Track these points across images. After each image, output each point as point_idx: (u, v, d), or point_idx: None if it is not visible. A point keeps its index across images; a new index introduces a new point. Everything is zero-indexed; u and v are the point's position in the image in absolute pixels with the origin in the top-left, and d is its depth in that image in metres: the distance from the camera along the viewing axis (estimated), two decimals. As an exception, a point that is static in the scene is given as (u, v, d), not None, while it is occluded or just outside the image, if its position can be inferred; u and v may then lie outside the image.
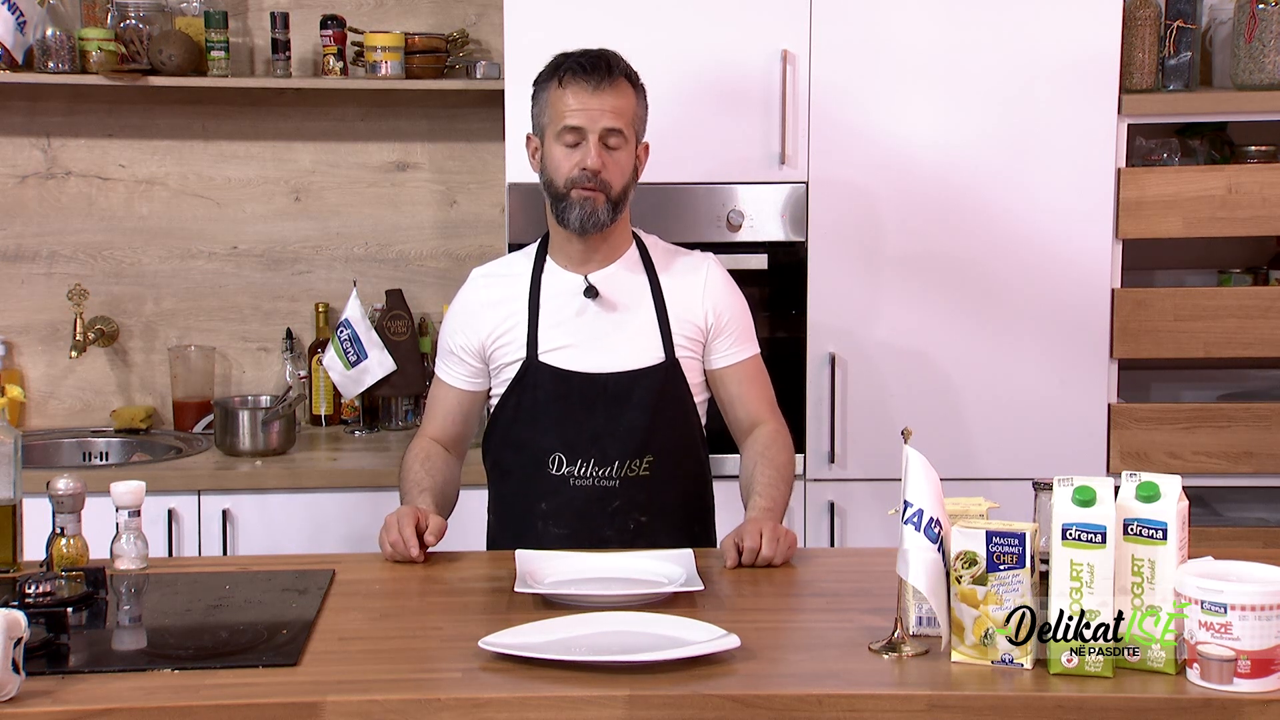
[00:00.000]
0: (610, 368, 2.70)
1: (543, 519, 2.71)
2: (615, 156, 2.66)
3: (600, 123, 2.65)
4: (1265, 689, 1.88)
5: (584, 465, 2.69)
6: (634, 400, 2.69)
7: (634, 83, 2.72)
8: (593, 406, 2.69)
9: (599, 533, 2.67)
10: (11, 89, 3.84)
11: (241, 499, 3.50)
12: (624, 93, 2.68)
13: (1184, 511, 1.97)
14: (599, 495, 2.69)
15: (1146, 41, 3.58)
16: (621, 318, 2.72)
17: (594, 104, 2.64)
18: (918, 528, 2.00)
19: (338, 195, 4.05)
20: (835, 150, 3.51)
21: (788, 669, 2.03)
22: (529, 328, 2.72)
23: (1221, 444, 3.57)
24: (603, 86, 2.65)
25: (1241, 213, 3.54)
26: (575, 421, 2.69)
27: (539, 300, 2.74)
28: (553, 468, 2.69)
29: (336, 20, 3.83)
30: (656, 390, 2.69)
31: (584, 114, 2.65)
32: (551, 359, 2.71)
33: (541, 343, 2.71)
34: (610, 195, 2.66)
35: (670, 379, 2.70)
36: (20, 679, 1.86)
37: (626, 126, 2.67)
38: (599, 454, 2.69)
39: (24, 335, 4.00)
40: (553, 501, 2.71)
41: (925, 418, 3.46)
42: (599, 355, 2.71)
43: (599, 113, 2.64)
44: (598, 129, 2.65)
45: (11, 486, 2.42)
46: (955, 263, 3.54)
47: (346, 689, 1.92)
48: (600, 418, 2.69)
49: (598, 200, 2.66)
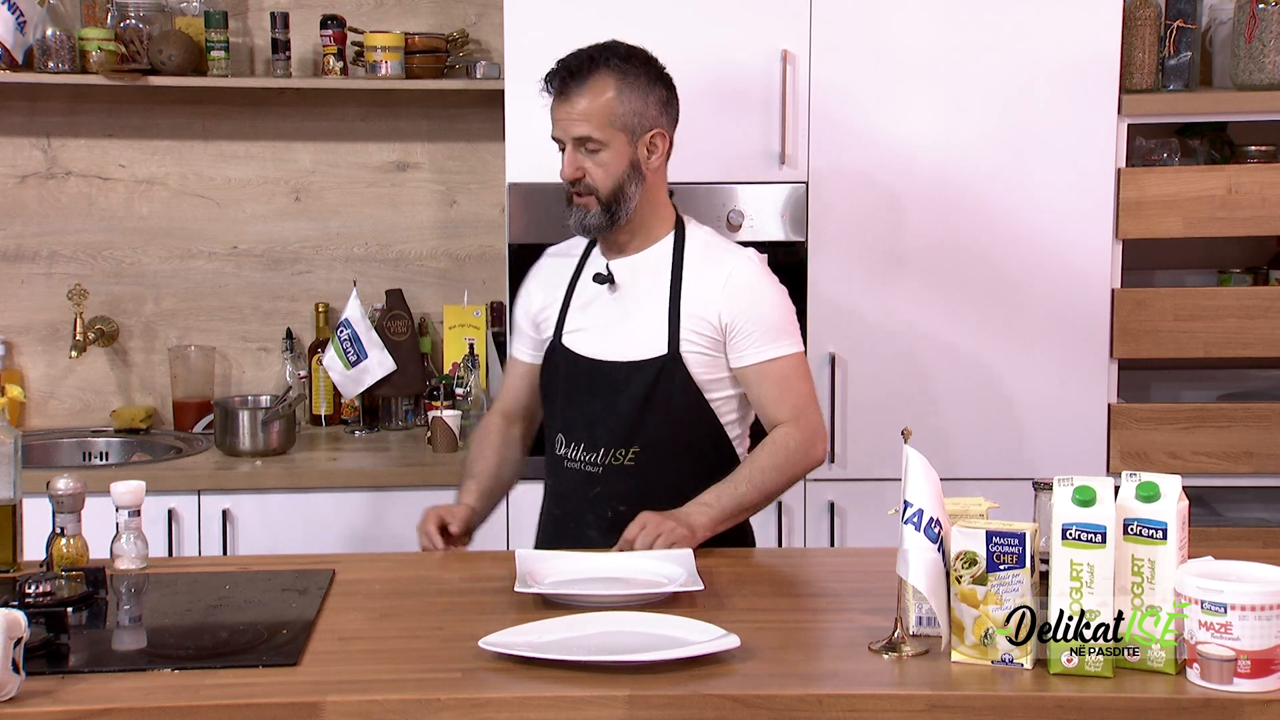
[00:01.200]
0: (613, 355, 2.72)
1: (549, 496, 2.83)
2: (598, 159, 2.66)
3: (571, 131, 2.66)
4: (1265, 689, 1.88)
5: (575, 448, 2.74)
6: (628, 390, 2.69)
7: (620, 75, 2.66)
8: (594, 392, 2.73)
9: (580, 517, 2.72)
10: (11, 89, 3.84)
11: (241, 499, 3.50)
12: (599, 92, 2.64)
13: (1184, 511, 1.97)
14: (583, 480, 2.72)
15: (1146, 41, 3.58)
16: (632, 307, 2.73)
17: (562, 112, 2.67)
18: (918, 528, 2.00)
19: (338, 195, 4.05)
20: (835, 150, 3.51)
21: (788, 669, 2.03)
22: (560, 309, 2.80)
23: (1221, 444, 3.57)
24: (571, 93, 2.65)
25: (1241, 213, 3.54)
26: (576, 405, 2.75)
27: (575, 284, 2.80)
28: (557, 448, 2.78)
29: (336, 20, 3.83)
30: (650, 382, 2.69)
31: (557, 124, 2.68)
32: (569, 341, 2.77)
33: (566, 325, 2.79)
34: (601, 197, 2.67)
35: (668, 373, 2.69)
36: (20, 679, 1.86)
37: (599, 128, 2.64)
38: (589, 439, 2.72)
39: (24, 335, 4.00)
40: (553, 481, 2.81)
41: (925, 417, 3.46)
42: (605, 342, 2.74)
43: (568, 121, 2.66)
44: (569, 137, 2.67)
45: (11, 486, 2.42)
46: (955, 262, 3.54)
47: (346, 689, 1.92)
48: (597, 404, 2.72)
49: (589, 204, 2.68)
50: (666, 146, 2.73)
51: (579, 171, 2.67)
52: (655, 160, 2.72)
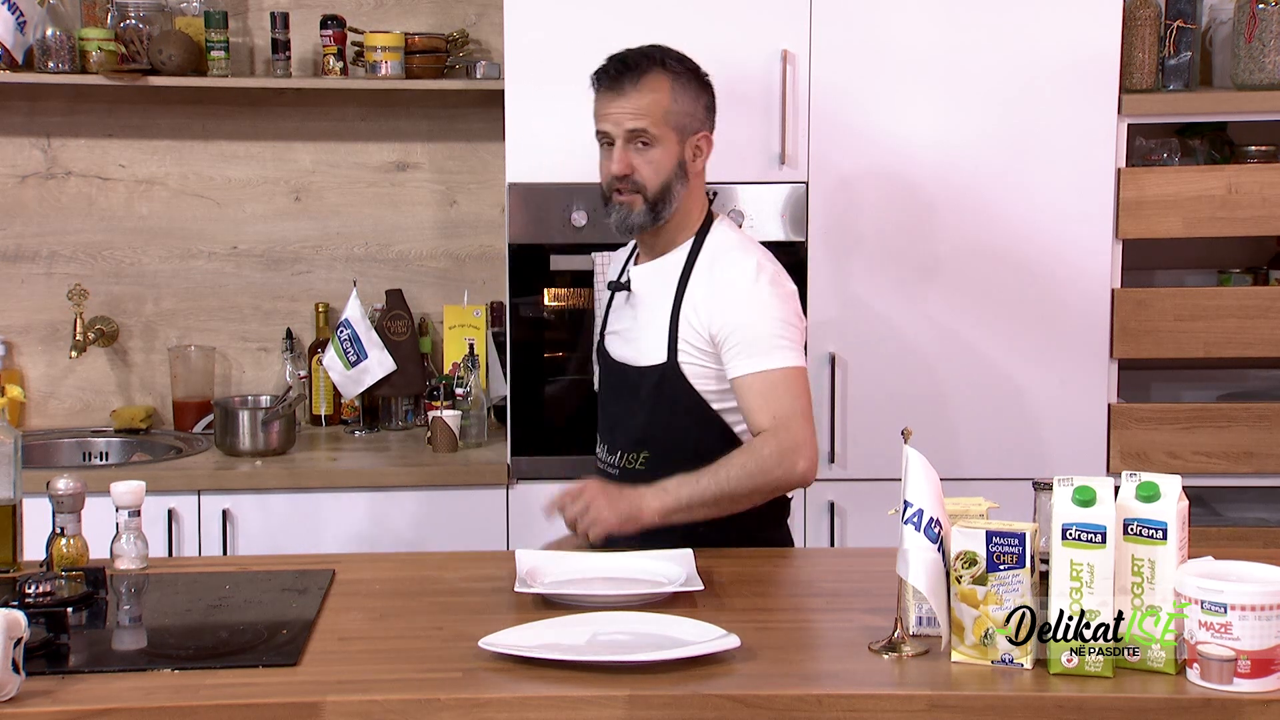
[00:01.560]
0: (631, 360, 2.76)
1: None
2: (648, 156, 2.66)
3: (623, 125, 2.66)
4: (1265, 689, 1.88)
5: (603, 449, 2.82)
6: (640, 396, 2.72)
7: (674, 75, 2.68)
8: (617, 395, 2.78)
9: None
10: (11, 89, 3.84)
11: (241, 499, 3.50)
12: (653, 89, 2.66)
13: (1184, 511, 1.97)
14: (605, 479, 2.75)
15: (1146, 41, 3.58)
16: (644, 314, 2.76)
17: (615, 107, 2.67)
18: (918, 528, 2.00)
19: (338, 195, 4.05)
20: (835, 150, 3.51)
21: (788, 669, 2.03)
22: (605, 310, 2.88)
23: (1221, 444, 3.57)
24: (625, 88, 2.65)
25: (1241, 213, 3.54)
26: (605, 406, 2.82)
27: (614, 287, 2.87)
28: (596, 447, 2.86)
29: (336, 20, 3.83)
30: (654, 389, 2.70)
31: (607, 118, 2.68)
32: (607, 343, 2.85)
33: (607, 326, 2.86)
34: (648, 196, 2.67)
35: (667, 381, 2.70)
36: (20, 679, 1.87)
37: (654, 124, 2.65)
38: (610, 441, 2.79)
39: (24, 335, 4.00)
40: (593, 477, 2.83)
41: (925, 417, 3.45)
42: (626, 347, 2.78)
43: (620, 115, 2.66)
44: (621, 131, 2.66)
45: (11, 486, 2.42)
46: (955, 263, 3.54)
47: (346, 689, 1.92)
48: (618, 407, 2.77)
49: (633, 203, 2.68)
50: (709, 151, 2.74)
51: (629, 167, 2.66)
52: (700, 163, 2.73)
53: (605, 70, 2.69)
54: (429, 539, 3.49)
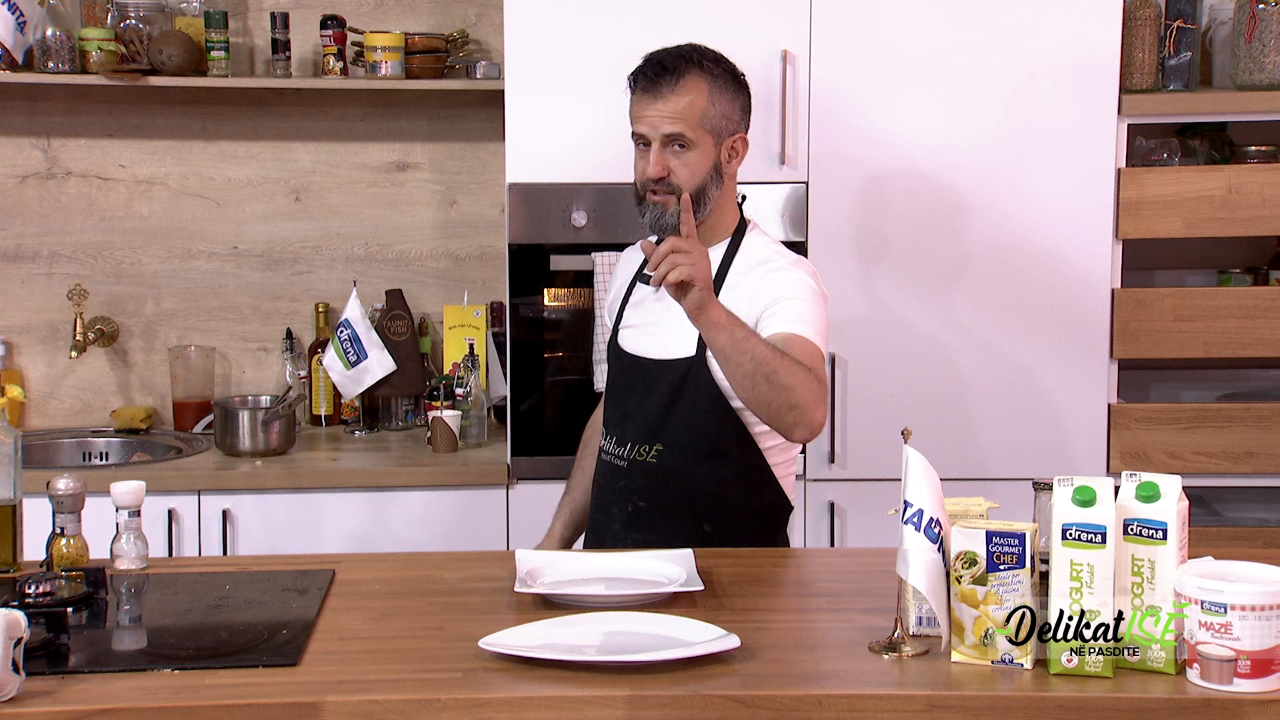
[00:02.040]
0: (649, 354, 2.75)
1: (593, 485, 2.87)
2: (684, 158, 2.65)
3: (660, 129, 2.64)
4: (1265, 689, 1.88)
5: (610, 441, 2.79)
6: (658, 389, 2.71)
7: (712, 78, 2.66)
8: (631, 388, 2.76)
9: (607, 509, 2.77)
10: (11, 89, 3.84)
11: (241, 499, 3.50)
12: (690, 92, 2.64)
13: (1184, 511, 1.97)
14: (613, 472, 2.77)
15: (1146, 41, 3.58)
16: (673, 307, 2.69)
17: (652, 110, 2.65)
18: (918, 528, 2.00)
19: (338, 195, 4.05)
20: (835, 150, 3.51)
21: (788, 669, 2.03)
22: (620, 305, 2.86)
23: (1221, 444, 3.57)
24: (663, 90, 2.64)
25: (1241, 213, 3.54)
26: (617, 399, 2.79)
27: (635, 282, 2.84)
28: (602, 439, 2.83)
29: (336, 20, 3.83)
30: (677, 383, 2.69)
31: (644, 120, 2.66)
32: (621, 338, 2.83)
33: (623, 321, 2.84)
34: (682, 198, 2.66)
35: (693, 375, 2.68)
36: (20, 679, 1.86)
37: (691, 128, 2.64)
38: (620, 434, 2.76)
39: (24, 335, 4.00)
40: (597, 471, 2.85)
41: (925, 417, 3.46)
42: (646, 341, 2.77)
43: (657, 118, 2.64)
44: (658, 135, 2.65)
45: (11, 486, 2.42)
46: (955, 263, 3.55)
47: (346, 689, 1.92)
48: (632, 400, 2.75)
49: (668, 204, 2.66)
50: (744, 152, 2.73)
51: (665, 170, 2.65)
52: (734, 165, 2.72)
53: (642, 72, 2.68)
54: (429, 539, 3.49)
